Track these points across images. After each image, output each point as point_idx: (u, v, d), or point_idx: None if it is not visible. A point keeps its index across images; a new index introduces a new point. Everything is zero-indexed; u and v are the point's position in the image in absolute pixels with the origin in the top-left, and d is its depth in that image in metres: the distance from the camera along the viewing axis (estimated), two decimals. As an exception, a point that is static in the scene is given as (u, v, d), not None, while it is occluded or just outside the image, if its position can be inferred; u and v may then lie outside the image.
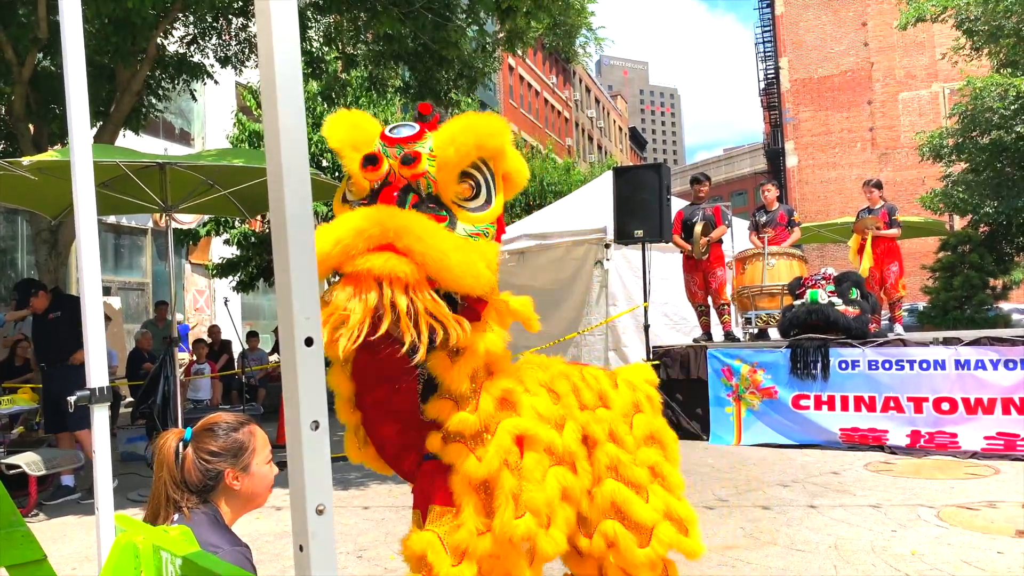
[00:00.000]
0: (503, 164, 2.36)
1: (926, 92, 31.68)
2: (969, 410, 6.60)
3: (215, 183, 7.48)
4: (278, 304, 0.79)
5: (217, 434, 1.92)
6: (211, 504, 1.93)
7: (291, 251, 0.77)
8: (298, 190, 0.78)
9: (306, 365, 0.78)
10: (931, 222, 15.17)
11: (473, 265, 2.09)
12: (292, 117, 0.79)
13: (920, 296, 16.93)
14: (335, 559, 0.80)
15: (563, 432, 2.58)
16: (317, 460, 0.79)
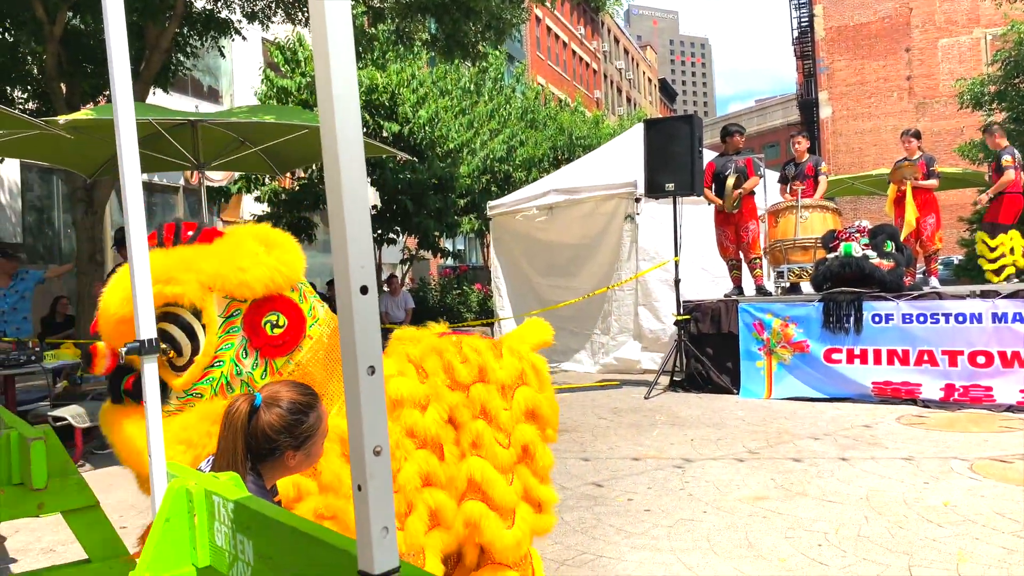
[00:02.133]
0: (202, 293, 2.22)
1: (967, 38, 30.68)
2: (1005, 363, 6.53)
3: (246, 140, 7.52)
4: (334, 254, 0.81)
5: (285, 414, 1.91)
6: (254, 467, 1.97)
7: (345, 201, 0.79)
8: (350, 137, 0.80)
9: (362, 312, 0.80)
10: (969, 173, 14.82)
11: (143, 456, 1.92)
12: (344, 56, 0.80)
13: (956, 249, 16.64)
14: (392, 498, 0.83)
15: (425, 413, 2.53)
16: (374, 404, 0.81)
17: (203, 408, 2.21)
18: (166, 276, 2.17)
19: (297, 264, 2.39)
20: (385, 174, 13.05)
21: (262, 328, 2.30)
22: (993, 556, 3.31)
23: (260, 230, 2.44)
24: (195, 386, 2.22)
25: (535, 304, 11.26)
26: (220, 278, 2.23)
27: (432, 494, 2.53)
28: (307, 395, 1.96)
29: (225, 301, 2.26)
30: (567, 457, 5.52)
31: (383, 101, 13.11)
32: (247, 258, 2.28)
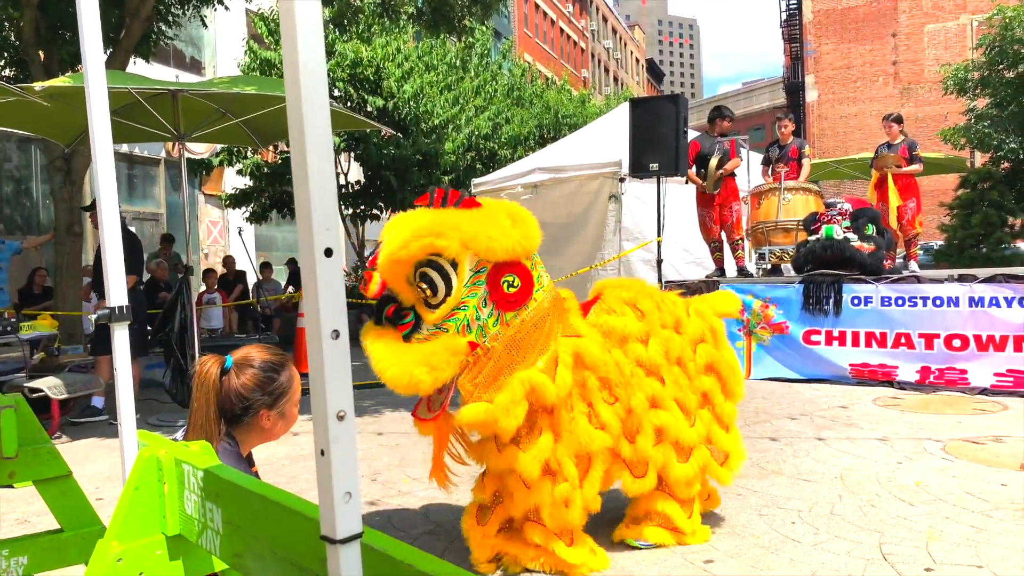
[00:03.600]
0: (458, 250, 2.73)
1: (953, 24, 30.76)
2: (980, 347, 6.61)
3: (227, 111, 7.42)
4: (298, 215, 0.80)
5: (258, 372, 1.93)
6: (229, 432, 1.97)
7: (309, 160, 0.77)
8: (315, 96, 0.78)
9: (326, 275, 0.79)
10: (951, 158, 14.92)
11: (408, 381, 2.66)
12: (311, 39, 0.79)
13: (936, 235, 16.78)
14: (356, 464, 0.82)
15: (648, 346, 3.16)
16: (337, 367, 0.80)
17: (446, 340, 2.74)
18: (438, 231, 2.67)
19: (535, 239, 2.94)
20: (369, 149, 12.94)
21: (500, 286, 2.83)
22: (962, 534, 3.36)
23: (511, 206, 2.99)
24: (444, 322, 2.74)
25: (518, 282, 11.26)
26: (475, 241, 2.72)
27: (657, 415, 3.14)
28: (278, 355, 1.98)
29: (476, 259, 2.78)
30: (546, 434, 5.55)
31: (368, 75, 12.97)
32: (497, 228, 2.78)
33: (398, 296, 2.76)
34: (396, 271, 2.69)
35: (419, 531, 3.69)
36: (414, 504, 4.08)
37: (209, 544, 1.37)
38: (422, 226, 2.68)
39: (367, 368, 2.72)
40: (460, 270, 2.75)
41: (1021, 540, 3.28)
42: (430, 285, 2.73)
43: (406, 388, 2.70)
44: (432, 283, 2.73)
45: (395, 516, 3.92)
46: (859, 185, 12.91)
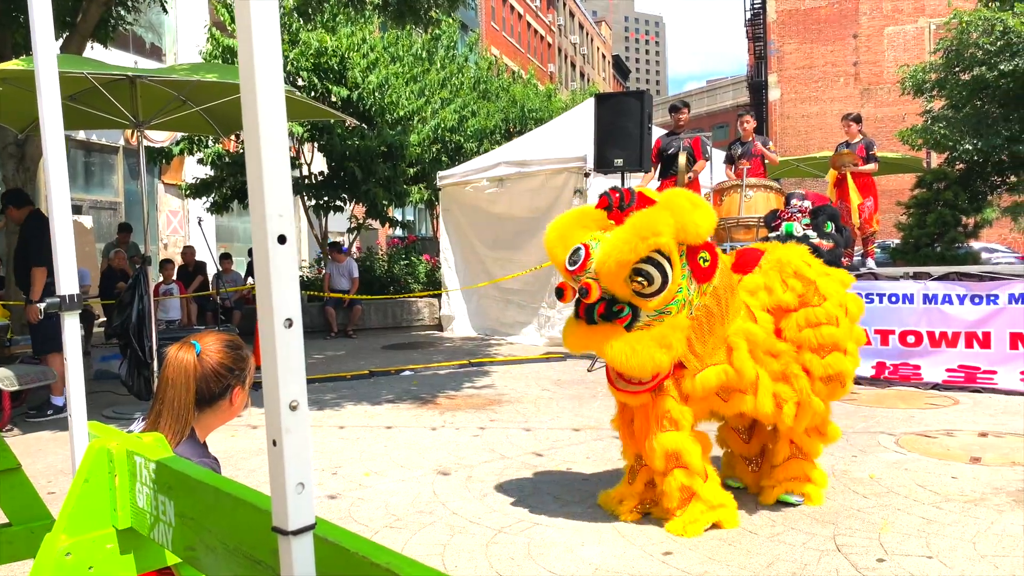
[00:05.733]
0: (670, 241, 3.09)
1: (912, 27, 31.37)
2: (933, 343, 6.76)
3: (188, 99, 7.29)
4: (251, 201, 0.78)
5: (228, 351, 1.96)
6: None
7: (263, 145, 0.76)
8: (271, 85, 0.77)
9: (280, 263, 0.77)
10: (908, 158, 15.22)
11: (643, 360, 3.11)
12: (266, 22, 0.77)
13: (894, 233, 17.12)
14: (309, 455, 0.81)
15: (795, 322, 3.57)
16: (291, 357, 0.79)
17: (672, 320, 3.19)
18: (658, 229, 3.03)
19: (714, 217, 3.29)
20: (333, 139, 12.80)
21: (697, 262, 3.27)
22: (913, 526, 3.44)
23: (687, 193, 3.32)
24: (667, 306, 3.16)
25: (483, 276, 11.25)
26: (684, 231, 3.13)
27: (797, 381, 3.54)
28: (232, 335, 2.02)
29: (682, 246, 3.19)
30: (509, 427, 5.56)
31: (332, 65, 12.82)
32: (692, 216, 3.14)
33: (611, 294, 3.12)
34: (622, 273, 3.06)
35: (380, 524, 3.68)
36: (375, 497, 4.06)
37: (161, 537, 1.35)
38: (643, 227, 3.05)
39: (329, 361, 2.72)
40: (673, 259, 3.12)
41: (969, 531, 3.36)
42: (647, 278, 3.08)
43: (651, 371, 3.17)
44: (649, 276, 3.08)
45: (356, 509, 3.89)
46: (821, 183, 13.13)
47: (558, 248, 3.31)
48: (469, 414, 6.05)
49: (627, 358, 3.11)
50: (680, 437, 3.37)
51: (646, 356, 3.12)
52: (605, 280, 3.10)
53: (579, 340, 3.28)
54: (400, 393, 7.02)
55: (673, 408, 3.38)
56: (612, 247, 3.08)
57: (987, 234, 19.24)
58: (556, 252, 3.32)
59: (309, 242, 20.04)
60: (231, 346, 1.97)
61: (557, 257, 3.31)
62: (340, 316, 12.09)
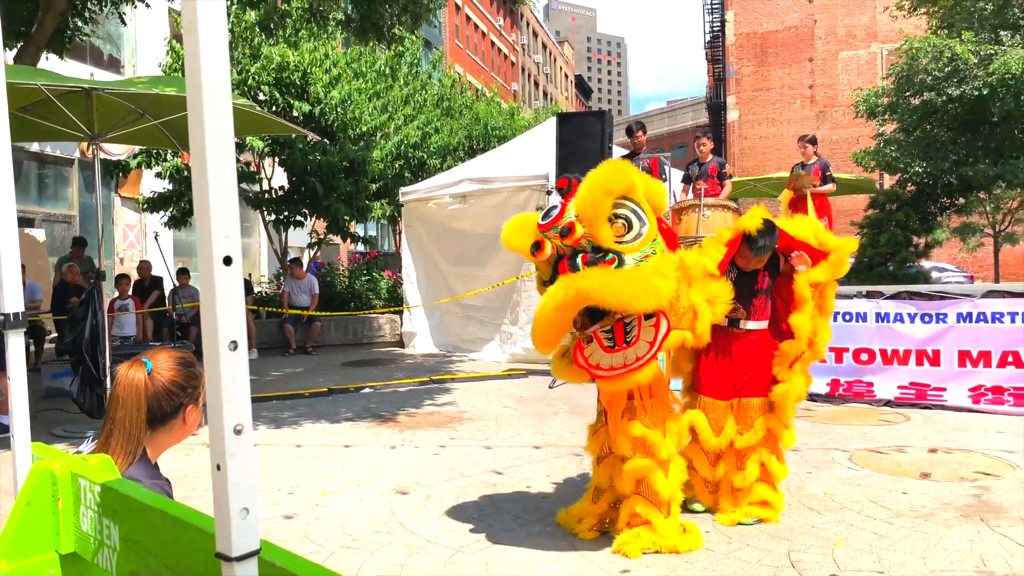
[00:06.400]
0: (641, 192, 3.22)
1: (865, 52, 32.20)
2: (886, 361, 6.90)
3: (145, 112, 7.19)
4: (196, 221, 0.78)
5: (180, 368, 1.93)
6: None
7: (210, 164, 0.75)
8: (218, 103, 0.76)
9: (225, 284, 0.77)
10: (862, 180, 15.58)
11: (644, 286, 3.00)
12: (212, 27, 0.77)
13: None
14: (254, 480, 0.80)
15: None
16: (235, 380, 0.78)
17: (663, 256, 3.23)
18: (630, 171, 3.18)
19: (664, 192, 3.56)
20: (294, 154, 12.71)
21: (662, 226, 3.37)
22: (865, 541, 3.50)
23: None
24: (643, 253, 3.14)
25: (445, 293, 11.22)
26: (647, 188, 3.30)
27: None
28: (185, 352, 1.98)
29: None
30: (470, 445, 5.54)
31: (294, 80, 12.75)
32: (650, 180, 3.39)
33: (595, 239, 3.09)
34: (606, 203, 3.06)
35: (337, 544, 3.63)
36: (332, 517, 4.01)
37: (105, 562, 1.32)
38: (621, 165, 3.20)
39: (288, 379, 2.70)
40: (646, 208, 3.23)
41: (920, 546, 3.43)
42: (626, 221, 3.14)
43: (653, 301, 3.04)
44: (628, 220, 3.15)
45: (312, 530, 3.84)
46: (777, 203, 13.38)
47: (516, 236, 3.26)
48: (429, 432, 6.02)
49: (622, 287, 2.96)
50: (650, 466, 3.39)
51: (645, 283, 2.99)
52: (589, 217, 3.05)
53: (567, 288, 3.01)
54: (359, 411, 6.95)
55: (648, 434, 3.40)
56: (596, 179, 3.08)
57: (937, 254, 19.72)
58: (514, 240, 3.27)
59: (269, 257, 19.82)
60: (183, 363, 1.94)
61: (515, 242, 3.26)
62: (299, 332, 11.95)
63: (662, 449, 3.40)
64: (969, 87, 12.09)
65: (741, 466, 3.88)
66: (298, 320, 11.91)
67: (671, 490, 3.41)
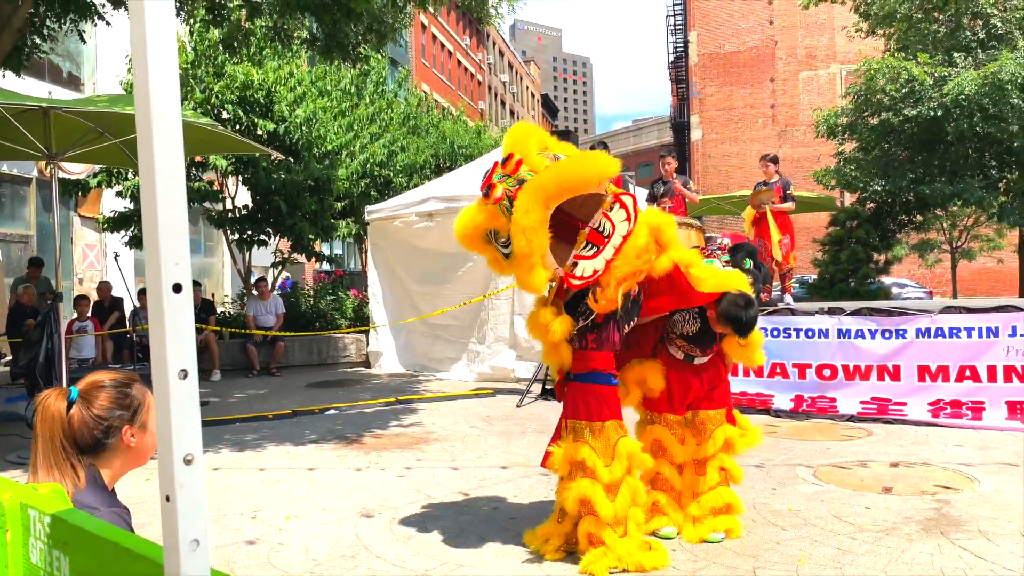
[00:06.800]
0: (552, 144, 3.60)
1: (825, 72, 32.91)
2: (848, 376, 7.01)
3: (105, 131, 7.10)
4: (145, 248, 0.76)
5: (110, 390, 1.86)
6: (92, 465, 1.86)
7: (159, 189, 0.74)
8: (168, 128, 0.75)
9: (174, 312, 0.75)
10: (823, 197, 15.85)
11: (584, 160, 3.36)
12: (161, 54, 0.76)
13: (811, 269, 17.74)
14: (205, 511, 0.79)
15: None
16: (186, 409, 0.77)
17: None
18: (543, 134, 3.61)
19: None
20: (258, 173, 12.59)
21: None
22: (829, 556, 3.52)
23: None
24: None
25: (411, 312, 11.17)
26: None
27: None
28: (125, 374, 1.93)
29: None
30: (436, 467, 5.49)
31: (259, 98, 12.66)
32: None
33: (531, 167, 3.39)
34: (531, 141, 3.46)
35: (300, 570, 3.57)
36: (296, 542, 3.94)
37: (55, 596, 1.28)
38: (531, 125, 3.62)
39: (251, 400, 2.66)
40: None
41: (882, 560, 3.46)
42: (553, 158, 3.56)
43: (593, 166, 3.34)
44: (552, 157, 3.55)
45: (275, 555, 3.77)
46: (740, 221, 13.57)
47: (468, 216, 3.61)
48: (395, 453, 5.96)
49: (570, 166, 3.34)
50: (591, 487, 3.43)
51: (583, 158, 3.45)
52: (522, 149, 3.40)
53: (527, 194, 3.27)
54: (324, 433, 6.87)
55: (588, 457, 3.45)
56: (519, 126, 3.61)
57: (897, 270, 20.13)
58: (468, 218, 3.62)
59: (232, 277, 19.58)
60: (116, 385, 1.87)
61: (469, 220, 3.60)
62: (263, 353, 11.80)
63: (604, 472, 3.44)
64: (925, 107, 12.40)
65: (701, 471, 3.96)
66: (262, 340, 11.76)
67: (614, 512, 3.41)
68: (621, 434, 3.55)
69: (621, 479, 3.47)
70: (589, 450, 3.47)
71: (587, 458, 3.46)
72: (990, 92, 11.53)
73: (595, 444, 3.49)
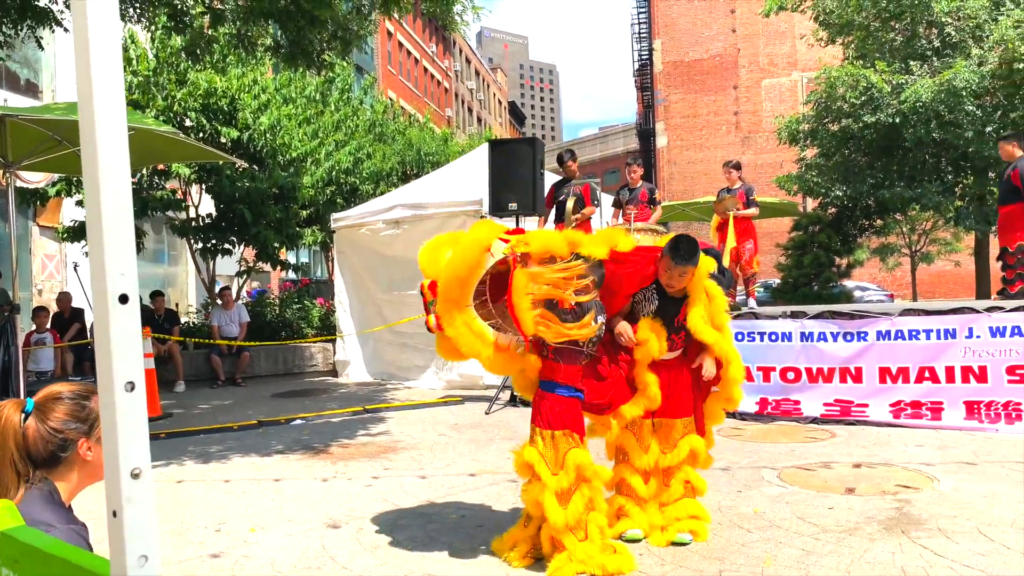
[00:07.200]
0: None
1: (786, 80, 33.45)
2: (811, 379, 7.10)
3: (64, 139, 6.97)
4: (91, 258, 0.75)
5: (67, 403, 1.82)
6: (47, 480, 1.82)
7: (103, 199, 0.73)
8: (112, 135, 0.74)
9: (120, 323, 0.74)
10: (786, 203, 16.10)
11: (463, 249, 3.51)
12: (107, 65, 0.75)
13: (775, 273, 17.99)
14: (153, 526, 0.77)
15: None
16: (133, 422, 0.76)
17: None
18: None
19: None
20: (222, 181, 12.46)
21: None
22: (793, 557, 3.57)
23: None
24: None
25: (378, 320, 11.10)
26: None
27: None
28: (83, 385, 1.90)
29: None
30: (404, 475, 5.46)
31: (222, 106, 12.52)
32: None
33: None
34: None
35: (264, 583, 3.52)
36: (261, 555, 3.89)
37: (5, 615, 1.25)
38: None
39: (216, 411, 2.62)
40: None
41: (845, 560, 3.51)
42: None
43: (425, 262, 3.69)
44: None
45: (240, 568, 3.72)
46: (705, 227, 13.71)
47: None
48: (362, 463, 5.91)
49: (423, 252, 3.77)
50: (542, 492, 3.46)
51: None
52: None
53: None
54: (290, 443, 6.80)
55: (537, 463, 3.51)
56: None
57: (859, 273, 20.50)
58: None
59: (197, 287, 19.32)
60: (74, 397, 1.83)
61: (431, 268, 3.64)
62: (227, 363, 11.65)
63: (551, 480, 3.46)
64: (883, 114, 12.66)
65: (667, 483, 3.97)
66: (227, 350, 11.61)
67: (565, 519, 3.41)
68: (572, 444, 3.55)
69: (570, 488, 3.49)
70: (538, 456, 3.52)
71: (535, 463, 3.51)
72: (945, 99, 11.81)
73: (543, 450, 3.53)
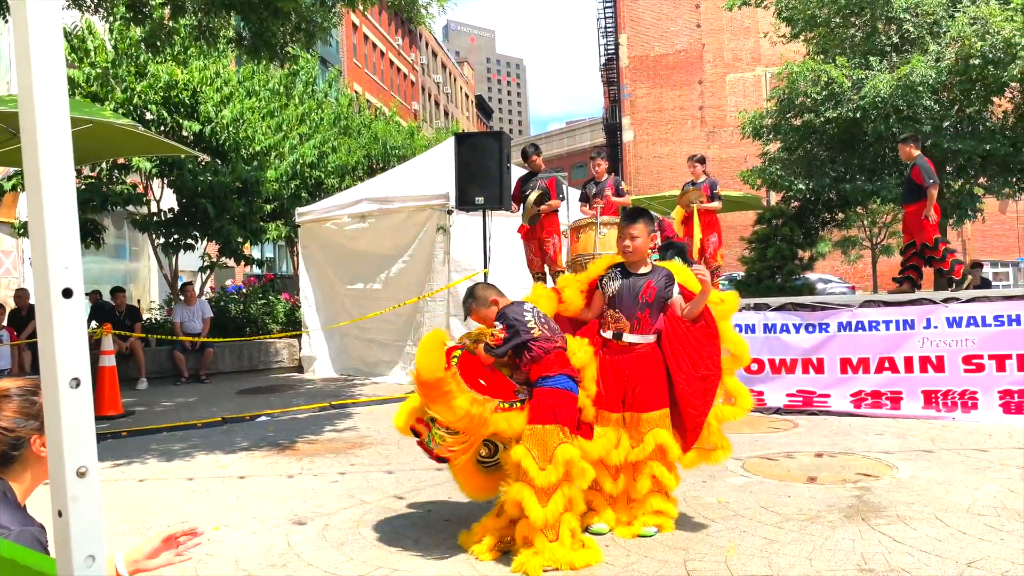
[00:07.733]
0: None
1: (750, 75, 33.80)
2: (774, 370, 7.20)
3: (18, 132, 6.80)
4: (32, 252, 0.73)
5: (16, 400, 1.78)
6: (1, 480, 1.78)
7: (45, 191, 0.71)
8: (53, 125, 0.72)
9: (64, 318, 0.72)
10: (750, 197, 16.27)
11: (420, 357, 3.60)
12: (48, 54, 0.73)
13: (739, 266, 18.19)
14: (100, 526, 0.76)
15: None
16: (78, 420, 0.74)
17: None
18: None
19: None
20: (184, 175, 12.26)
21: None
22: (756, 546, 3.61)
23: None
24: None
25: (344, 315, 11.02)
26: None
27: None
28: (32, 379, 1.86)
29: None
30: (371, 471, 5.43)
31: (183, 99, 12.32)
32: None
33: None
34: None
35: (228, 581, 3.48)
36: (225, 552, 3.85)
37: (-47, 619, 1.22)
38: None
39: (179, 409, 2.59)
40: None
41: (807, 548, 3.57)
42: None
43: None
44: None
45: (203, 567, 3.67)
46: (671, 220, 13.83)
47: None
48: (328, 459, 5.87)
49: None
50: (522, 491, 3.47)
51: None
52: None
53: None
54: (256, 440, 6.73)
55: (523, 458, 3.50)
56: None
57: (821, 266, 20.82)
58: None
59: (159, 282, 19.02)
60: (23, 393, 1.80)
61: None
62: (191, 360, 11.48)
63: (537, 476, 3.46)
64: (844, 109, 12.83)
65: (635, 478, 3.96)
66: (191, 347, 11.45)
67: (544, 517, 3.43)
68: (562, 439, 3.54)
69: (556, 484, 3.48)
70: (524, 451, 3.50)
71: (522, 459, 3.48)
72: (904, 94, 12.00)
73: (531, 445, 3.51)
